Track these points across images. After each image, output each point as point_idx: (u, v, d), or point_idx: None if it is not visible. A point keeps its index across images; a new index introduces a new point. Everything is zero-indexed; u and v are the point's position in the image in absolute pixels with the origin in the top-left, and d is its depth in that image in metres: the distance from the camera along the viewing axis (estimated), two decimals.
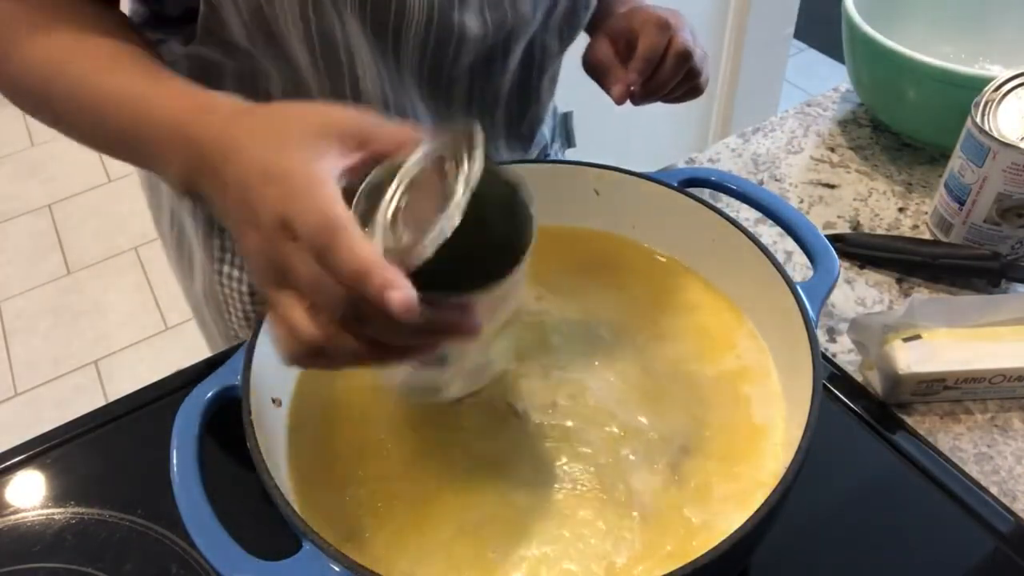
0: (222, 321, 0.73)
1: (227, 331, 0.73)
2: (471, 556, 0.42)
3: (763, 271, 0.49)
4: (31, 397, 1.81)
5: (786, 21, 1.85)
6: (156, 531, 0.50)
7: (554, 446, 0.46)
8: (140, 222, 2.21)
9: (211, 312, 0.74)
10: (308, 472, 0.45)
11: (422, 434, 0.47)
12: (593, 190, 0.56)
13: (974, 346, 0.55)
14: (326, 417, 0.48)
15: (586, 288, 0.55)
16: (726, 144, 0.80)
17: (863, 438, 0.55)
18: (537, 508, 0.43)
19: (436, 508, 0.44)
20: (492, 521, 0.43)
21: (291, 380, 0.49)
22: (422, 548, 0.42)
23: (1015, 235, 0.63)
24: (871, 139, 0.79)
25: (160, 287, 2.05)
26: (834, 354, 0.60)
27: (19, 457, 0.55)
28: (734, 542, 0.35)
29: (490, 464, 0.46)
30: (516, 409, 0.48)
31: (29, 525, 0.51)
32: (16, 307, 2.01)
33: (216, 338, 0.77)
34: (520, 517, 0.43)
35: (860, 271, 0.66)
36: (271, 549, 0.37)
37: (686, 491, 0.44)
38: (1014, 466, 0.53)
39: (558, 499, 0.44)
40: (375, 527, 0.43)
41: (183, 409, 0.43)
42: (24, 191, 2.32)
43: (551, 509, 0.43)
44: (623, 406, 0.48)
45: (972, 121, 0.61)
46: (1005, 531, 0.49)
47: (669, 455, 0.45)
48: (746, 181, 0.56)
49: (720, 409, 0.48)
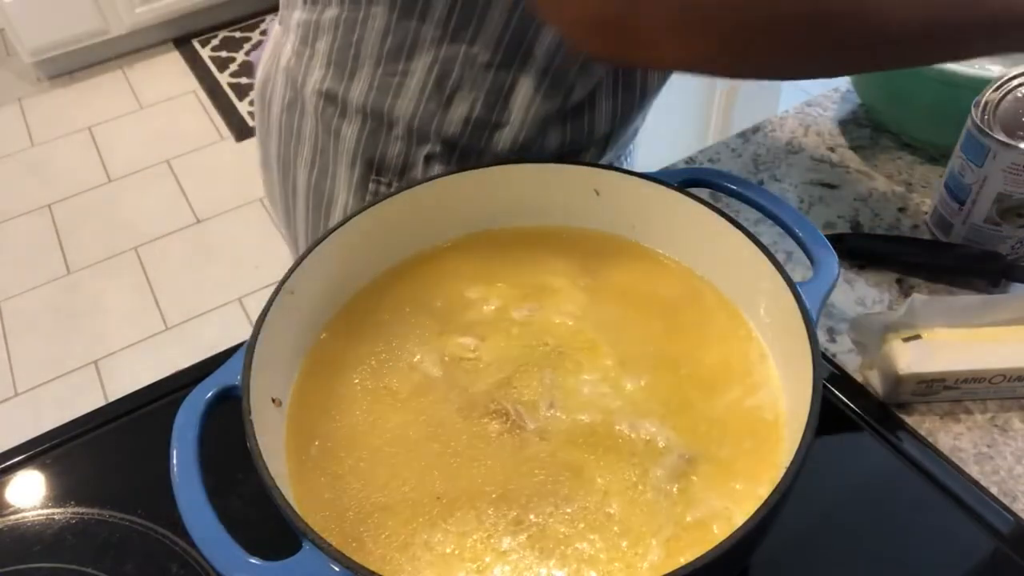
0: None
1: None
2: (471, 557, 0.42)
3: (763, 271, 0.49)
4: (31, 397, 1.81)
5: None
6: (156, 531, 0.50)
7: (554, 447, 0.46)
8: (140, 222, 2.22)
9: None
10: (308, 472, 0.45)
11: (423, 435, 0.47)
12: (593, 190, 0.56)
13: (974, 346, 0.55)
14: (326, 417, 0.48)
15: (585, 289, 0.55)
16: (726, 144, 0.80)
17: (863, 438, 0.55)
18: (537, 509, 0.43)
19: (436, 509, 0.44)
20: (492, 522, 0.43)
21: (291, 380, 0.49)
22: (422, 548, 0.42)
23: (1015, 235, 0.63)
24: (871, 139, 0.79)
25: (160, 287, 2.05)
26: (834, 354, 0.60)
27: (19, 457, 0.55)
28: (734, 542, 0.35)
29: (489, 466, 0.46)
30: (514, 413, 0.48)
31: (29, 525, 0.51)
32: (16, 307, 2.01)
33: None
34: (520, 518, 0.43)
35: (860, 271, 0.66)
36: (271, 549, 0.37)
37: (684, 491, 0.44)
38: (1014, 466, 0.53)
39: (559, 501, 0.44)
40: (375, 527, 0.43)
41: (183, 409, 0.43)
42: (24, 191, 2.33)
43: (552, 512, 0.43)
44: (621, 406, 0.48)
45: (972, 121, 0.61)
46: (1005, 531, 0.49)
47: (668, 454, 0.45)
48: (746, 181, 0.56)
49: (719, 409, 0.48)
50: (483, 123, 0.64)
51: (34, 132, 2.52)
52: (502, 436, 0.47)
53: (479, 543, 0.42)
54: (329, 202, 0.73)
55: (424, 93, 0.63)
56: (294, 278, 0.49)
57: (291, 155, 0.74)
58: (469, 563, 0.41)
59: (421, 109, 0.63)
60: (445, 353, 0.51)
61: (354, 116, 0.67)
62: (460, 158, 0.67)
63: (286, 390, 0.49)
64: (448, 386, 0.49)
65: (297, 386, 0.49)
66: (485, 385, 0.49)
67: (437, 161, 0.67)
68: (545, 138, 0.65)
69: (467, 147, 0.66)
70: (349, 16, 0.61)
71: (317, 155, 0.71)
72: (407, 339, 0.52)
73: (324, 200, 0.74)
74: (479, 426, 0.47)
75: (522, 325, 0.53)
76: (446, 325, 0.53)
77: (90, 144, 2.48)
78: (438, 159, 0.67)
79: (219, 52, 2.79)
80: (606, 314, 0.53)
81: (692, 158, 0.79)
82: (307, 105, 0.69)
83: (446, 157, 0.66)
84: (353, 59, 0.63)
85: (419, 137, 0.66)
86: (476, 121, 0.64)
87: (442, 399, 0.49)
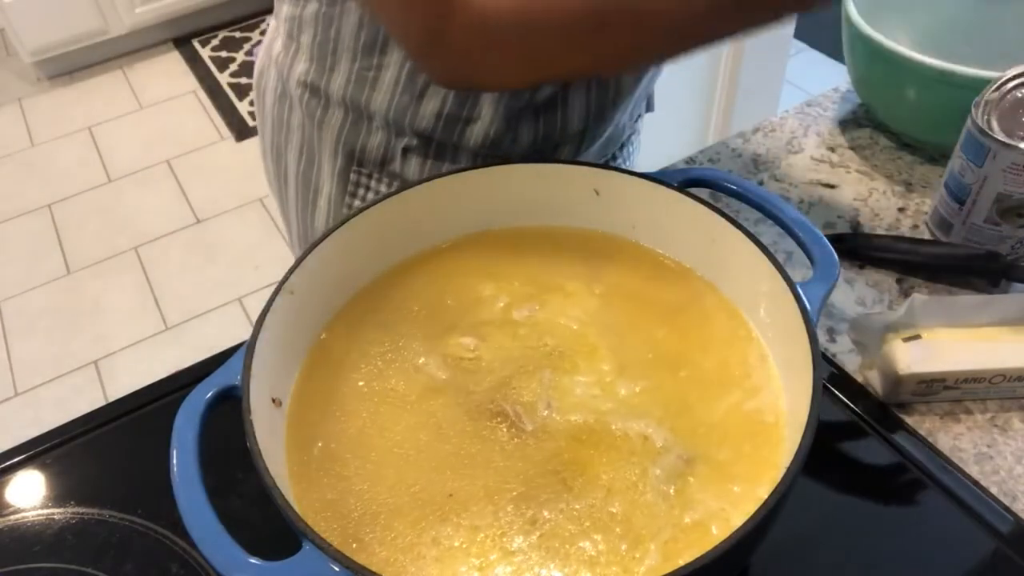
0: None
1: None
2: (471, 558, 0.42)
3: (763, 271, 0.49)
4: (31, 397, 1.81)
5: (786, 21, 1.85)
6: (156, 531, 0.50)
7: (554, 451, 0.46)
8: (140, 222, 2.22)
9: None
10: (308, 472, 0.45)
11: (423, 436, 0.47)
12: (593, 190, 0.56)
13: (974, 346, 0.55)
14: (326, 417, 0.48)
15: (585, 289, 0.55)
16: (726, 144, 0.80)
17: (863, 438, 0.55)
18: (538, 511, 0.43)
19: (436, 509, 0.44)
20: (492, 523, 0.43)
21: (291, 380, 0.49)
22: (422, 548, 0.42)
23: (1015, 235, 0.63)
24: (871, 139, 0.79)
25: (160, 287, 2.05)
26: (834, 354, 0.60)
27: (19, 457, 0.55)
28: (734, 542, 0.35)
29: (488, 467, 0.46)
30: (513, 414, 0.48)
31: (29, 525, 0.51)
32: (16, 307, 2.01)
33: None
34: (521, 520, 0.43)
35: (860, 271, 0.66)
36: (271, 549, 0.37)
37: (684, 490, 0.44)
38: (1014, 466, 0.53)
39: (560, 504, 0.44)
40: (375, 527, 0.43)
41: (183, 409, 0.43)
42: (24, 191, 2.33)
43: (553, 514, 0.43)
44: (615, 407, 0.48)
45: (972, 121, 0.61)
46: (1005, 531, 0.49)
47: (667, 454, 0.45)
48: (746, 181, 0.55)
49: (719, 409, 0.48)
50: (455, 118, 0.65)
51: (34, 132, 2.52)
52: (504, 436, 0.47)
53: (480, 545, 0.42)
54: (316, 191, 0.75)
55: (398, 87, 0.64)
56: (294, 278, 0.49)
57: (283, 144, 0.76)
58: (469, 564, 0.41)
59: (395, 102, 0.64)
60: (447, 353, 0.51)
61: (336, 108, 0.68)
62: (436, 151, 0.68)
63: (286, 390, 0.49)
64: (453, 387, 0.49)
65: (297, 386, 0.49)
66: (486, 385, 0.49)
67: (414, 154, 0.68)
68: (517, 133, 0.66)
69: (442, 141, 0.67)
70: (327, 11, 0.62)
71: (304, 145, 0.73)
72: (410, 339, 0.52)
73: (311, 189, 0.75)
74: (485, 427, 0.47)
75: (524, 326, 0.52)
76: (448, 325, 0.53)
77: (90, 144, 2.48)
78: (415, 152, 0.68)
79: (219, 52, 2.79)
80: (607, 316, 0.53)
81: (692, 158, 0.79)
82: (294, 97, 0.71)
83: (422, 150, 0.68)
84: (332, 53, 0.64)
85: (396, 130, 0.67)
86: (448, 116, 0.64)
87: (448, 400, 0.49)
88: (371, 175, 0.71)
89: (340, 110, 0.68)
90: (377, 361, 0.51)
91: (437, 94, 0.63)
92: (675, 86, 0.73)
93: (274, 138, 0.77)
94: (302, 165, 0.75)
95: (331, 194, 0.73)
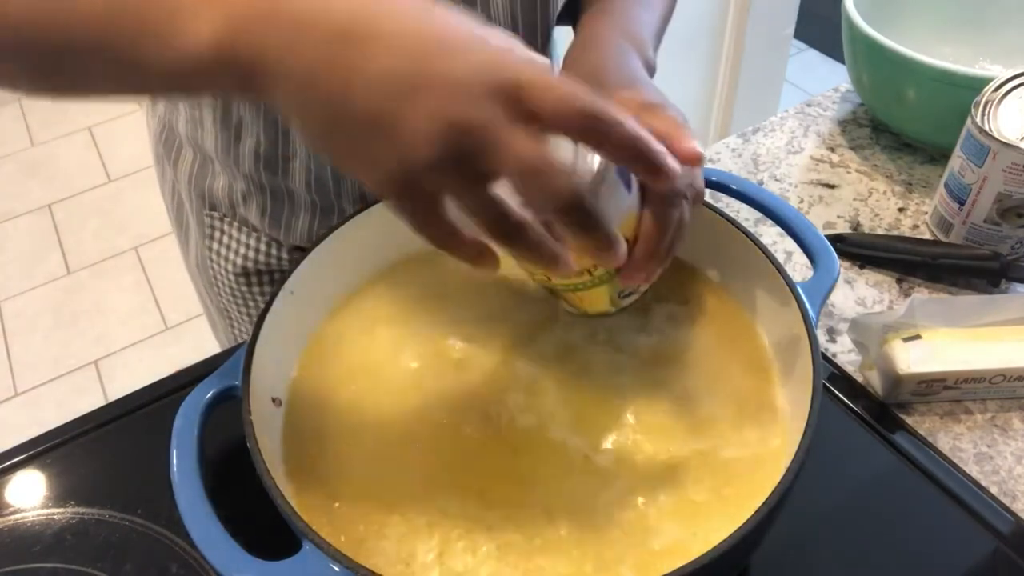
0: (214, 293, 0.74)
1: (219, 303, 0.75)
2: (470, 558, 0.42)
3: (763, 271, 0.49)
4: (31, 397, 1.81)
5: (786, 21, 1.85)
6: (156, 531, 0.50)
7: (554, 452, 0.46)
8: (140, 222, 2.21)
9: (204, 282, 0.75)
10: (308, 472, 0.45)
11: (424, 435, 0.47)
12: None
13: (974, 346, 0.55)
14: (326, 417, 0.48)
15: None
16: (726, 144, 0.80)
17: (863, 438, 0.55)
18: (538, 512, 0.43)
19: (435, 509, 0.44)
20: (492, 524, 0.43)
21: (291, 380, 0.49)
22: (422, 549, 0.42)
23: (1015, 235, 0.63)
24: (871, 139, 0.79)
25: (160, 287, 2.05)
26: (834, 354, 0.60)
27: (19, 457, 0.55)
28: (734, 542, 0.35)
29: (488, 468, 0.46)
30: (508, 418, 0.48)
31: (29, 525, 0.51)
32: (16, 307, 2.01)
33: (210, 309, 0.79)
34: (521, 521, 0.43)
35: (860, 271, 0.66)
36: (271, 549, 0.37)
37: (683, 488, 0.44)
38: (1014, 466, 0.53)
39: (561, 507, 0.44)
40: (375, 527, 0.43)
41: (183, 409, 0.43)
42: (24, 191, 2.33)
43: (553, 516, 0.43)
44: (618, 406, 0.48)
45: (972, 121, 0.61)
46: (1005, 531, 0.49)
47: (666, 453, 0.45)
48: (746, 181, 0.55)
49: (719, 408, 0.48)
50: (272, 156, 0.62)
51: (34, 132, 2.52)
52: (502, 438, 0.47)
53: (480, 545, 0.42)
54: (186, 231, 0.73)
55: (217, 126, 0.62)
56: (294, 278, 0.49)
57: (159, 177, 0.74)
58: (469, 565, 0.41)
59: (220, 142, 0.63)
60: (443, 354, 0.51)
61: (186, 148, 0.67)
62: (272, 199, 0.65)
63: (286, 390, 0.49)
64: (453, 387, 0.49)
65: (297, 386, 0.49)
66: (486, 386, 0.49)
67: (252, 200, 0.66)
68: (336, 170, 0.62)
69: (274, 185, 0.64)
70: None
71: (172, 184, 0.72)
72: (408, 339, 0.52)
73: (183, 228, 0.74)
74: (486, 428, 0.47)
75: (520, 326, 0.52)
76: (448, 325, 0.53)
77: (90, 144, 2.48)
78: (253, 198, 0.66)
79: None
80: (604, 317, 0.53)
81: None
82: (158, 134, 0.70)
83: (258, 196, 0.65)
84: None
85: (230, 173, 0.65)
86: (266, 154, 0.62)
87: (448, 401, 0.49)
88: (223, 217, 0.69)
89: (189, 150, 0.66)
90: (376, 361, 0.51)
91: (249, 132, 0.61)
92: (675, 86, 0.73)
93: (157, 166, 0.75)
94: (174, 204, 0.73)
95: (197, 238, 0.71)
